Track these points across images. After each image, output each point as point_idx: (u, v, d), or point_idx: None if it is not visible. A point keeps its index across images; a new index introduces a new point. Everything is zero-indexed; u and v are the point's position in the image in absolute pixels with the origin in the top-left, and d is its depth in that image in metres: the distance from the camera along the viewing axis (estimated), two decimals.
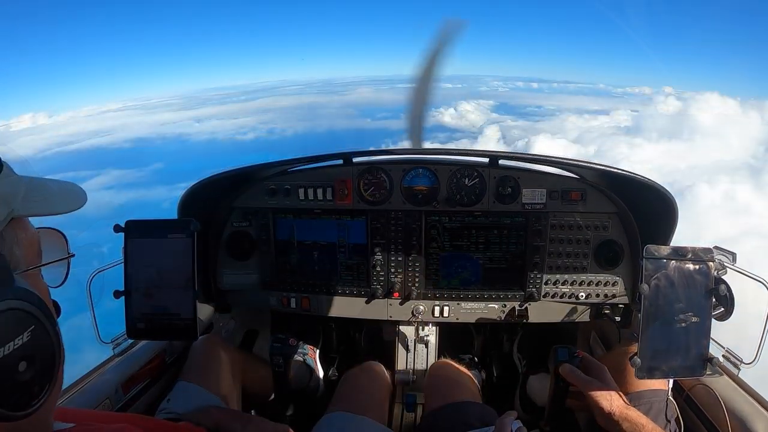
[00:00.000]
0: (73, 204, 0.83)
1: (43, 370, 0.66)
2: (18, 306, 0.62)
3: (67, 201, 0.83)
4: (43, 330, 0.66)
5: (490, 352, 2.69)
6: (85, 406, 1.49)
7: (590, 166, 1.87)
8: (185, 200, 1.94)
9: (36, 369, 0.64)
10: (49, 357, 0.67)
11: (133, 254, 1.57)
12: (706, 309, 1.32)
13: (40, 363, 0.65)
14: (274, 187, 2.09)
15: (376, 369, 1.99)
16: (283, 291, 2.23)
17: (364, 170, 2.05)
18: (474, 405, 1.66)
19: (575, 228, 2.03)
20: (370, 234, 2.11)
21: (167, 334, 1.63)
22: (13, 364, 0.61)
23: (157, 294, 1.56)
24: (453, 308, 2.16)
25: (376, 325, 2.52)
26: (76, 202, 0.84)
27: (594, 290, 2.07)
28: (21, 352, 0.62)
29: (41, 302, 0.66)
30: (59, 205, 0.80)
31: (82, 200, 0.85)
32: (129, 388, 1.69)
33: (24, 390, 0.63)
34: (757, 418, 1.42)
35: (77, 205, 0.84)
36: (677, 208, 1.79)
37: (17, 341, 0.61)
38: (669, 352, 1.31)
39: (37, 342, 0.64)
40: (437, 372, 1.99)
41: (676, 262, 1.31)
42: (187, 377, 1.68)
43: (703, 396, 1.60)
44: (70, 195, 0.84)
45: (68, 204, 0.82)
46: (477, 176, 2.02)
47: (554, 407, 1.62)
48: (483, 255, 2.10)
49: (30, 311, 0.64)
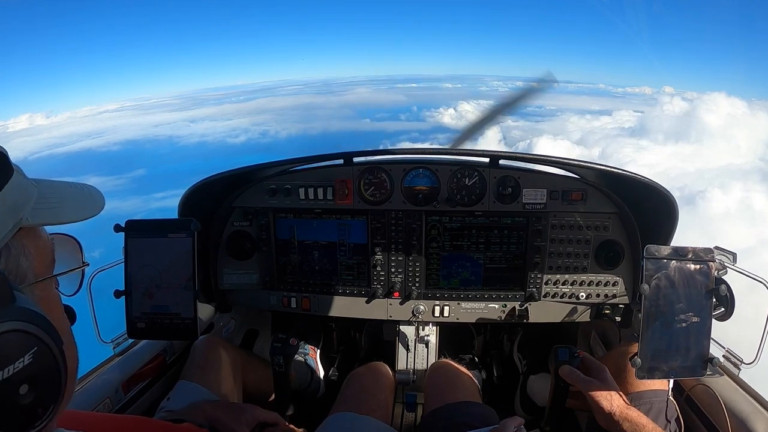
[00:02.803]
0: (89, 211, 0.79)
1: (46, 391, 0.63)
2: (18, 327, 0.59)
3: (82, 208, 0.78)
4: (47, 351, 0.62)
5: (490, 352, 2.69)
6: (85, 405, 1.49)
7: (591, 166, 1.87)
8: (186, 200, 1.94)
9: (39, 391, 0.61)
10: (53, 378, 0.64)
11: (134, 254, 1.57)
12: (706, 309, 1.32)
13: (43, 385, 0.62)
14: (274, 187, 2.09)
15: (381, 370, 1.99)
16: (284, 291, 2.23)
17: (365, 170, 2.06)
18: (474, 405, 1.66)
19: (576, 228, 2.03)
20: (370, 234, 2.11)
21: (168, 334, 1.62)
22: (13, 388, 0.58)
23: (158, 294, 1.56)
24: (453, 308, 2.16)
25: (376, 325, 2.52)
26: (93, 209, 0.80)
27: (594, 290, 2.07)
28: (22, 374, 0.59)
29: (46, 322, 0.63)
30: (73, 212, 0.76)
31: (99, 206, 0.81)
32: (129, 387, 1.69)
33: (26, 413, 0.60)
34: (758, 418, 1.42)
35: (93, 212, 0.79)
36: (678, 208, 1.79)
37: (17, 364, 0.58)
38: (669, 352, 1.31)
39: (39, 364, 0.61)
40: (437, 372, 1.99)
41: (677, 263, 1.30)
42: (187, 377, 1.68)
43: (704, 396, 1.60)
44: (86, 201, 0.80)
45: (83, 211, 0.78)
46: (477, 176, 2.02)
47: (555, 408, 1.62)
48: (483, 255, 2.10)
49: (32, 332, 0.61)
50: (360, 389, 1.82)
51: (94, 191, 0.83)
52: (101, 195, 0.83)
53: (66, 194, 0.77)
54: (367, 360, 2.22)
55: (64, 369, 0.66)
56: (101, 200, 0.82)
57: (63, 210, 0.74)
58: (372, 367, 1.99)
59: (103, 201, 0.82)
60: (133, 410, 1.69)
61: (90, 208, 0.79)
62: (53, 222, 0.73)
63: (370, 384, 1.86)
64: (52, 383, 0.64)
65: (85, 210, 0.78)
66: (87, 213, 0.78)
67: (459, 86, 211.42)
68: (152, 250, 1.56)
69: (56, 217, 0.73)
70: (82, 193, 0.80)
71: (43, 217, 0.70)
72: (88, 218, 0.78)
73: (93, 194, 0.82)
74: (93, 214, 0.79)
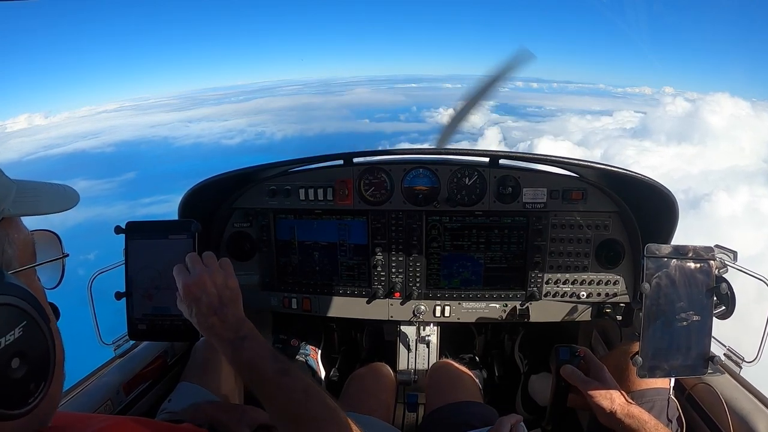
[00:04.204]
0: (65, 204, 0.84)
1: (37, 367, 0.65)
2: (8, 301, 0.62)
3: (58, 202, 0.83)
4: (36, 327, 0.65)
5: (491, 351, 2.69)
6: (86, 407, 1.49)
7: (591, 165, 1.88)
8: (186, 201, 1.95)
9: (30, 366, 0.64)
10: (43, 354, 0.67)
11: (134, 255, 1.57)
12: (707, 308, 1.31)
13: (33, 360, 0.65)
14: (274, 188, 2.09)
15: (382, 370, 1.99)
16: (284, 292, 2.23)
17: (365, 170, 2.06)
18: (475, 405, 1.66)
19: (576, 227, 2.03)
20: (370, 234, 2.11)
21: (169, 336, 1.62)
22: (5, 360, 0.60)
23: (159, 295, 1.55)
24: (454, 308, 2.16)
25: (377, 325, 2.52)
26: (68, 203, 0.84)
27: (595, 289, 2.07)
28: (13, 348, 0.61)
29: (33, 298, 0.66)
30: (50, 205, 0.80)
31: (73, 201, 0.86)
32: (130, 389, 1.69)
33: (18, 387, 0.62)
34: (759, 416, 1.41)
35: (68, 205, 0.84)
36: (678, 207, 1.79)
37: (8, 337, 0.61)
38: (670, 350, 1.31)
39: (29, 338, 0.64)
40: (438, 372, 1.99)
41: (678, 261, 1.30)
42: (188, 378, 1.68)
43: (705, 395, 1.60)
44: (61, 196, 0.85)
45: (59, 204, 0.82)
46: (477, 176, 2.02)
47: (556, 407, 1.62)
48: (484, 255, 2.10)
49: (21, 307, 0.64)
50: (361, 390, 1.82)
51: (69, 189, 0.88)
52: (75, 192, 0.88)
53: (42, 190, 0.81)
54: (368, 360, 2.23)
55: (52, 345, 0.69)
56: (76, 196, 0.87)
57: (40, 203, 0.78)
58: (373, 367, 1.99)
59: (77, 197, 0.87)
60: (135, 411, 1.69)
61: (65, 202, 0.84)
62: (32, 212, 0.77)
63: (371, 384, 1.86)
64: (42, 358, 0.67)
65: (60, 203, 0.83)
66: (62, 206, 0.83)
67: (459, 86, 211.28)
68: (153, 251, 1.56)
69: (34, 209, 0.77)
70: (57, 190, 0.85)
71: (22, 209, 0.74)
72: (63, 210, 0.83)
73: (67, 191, 0.87)
74: (67, 207, 0.84)
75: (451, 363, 2.02)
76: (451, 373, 1.93)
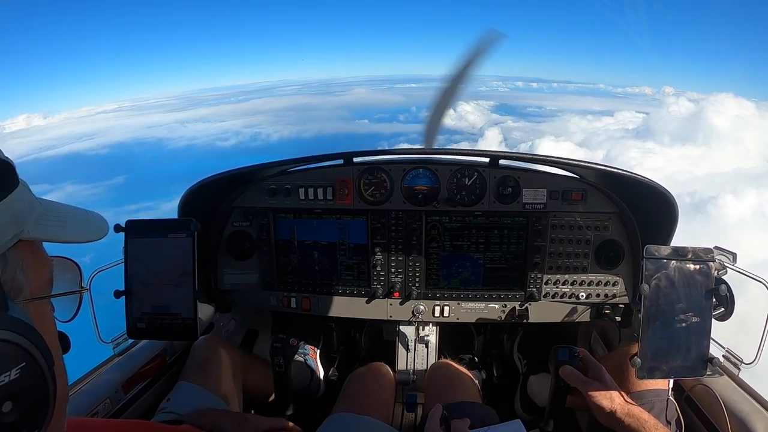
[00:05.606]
0: (92, 234, 0.75)
1: (31, 412, 0.58)
2: (8, 338, 0.55)
3: (86, 230, 0.75)
4: (36, 368, 0.58)
5: (490, 352, 2.69)
6: (85, 406, 1.49)
7: (590, 166, 1.87)
8: (186, 200, 1.94)
9: (23, 411, 0.57)
10: (40, 399, 0.59)
11: (134, 254, 1.57)
12: (706, 309, 1.32)
13: (28, 404, 0.57)
14: (274, 187, 2.09)
15: (382, 370, 1.99)
16: (284, 291, 2.23)
17: (365, 170, 2.06)
18: (474, 405, 1.66)
19: (576, 228, 2.03)
20: (370, 234, 2.11)
21: (168, 334, 1.62)
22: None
23: (158, 294, 1.56)
24: (453, 308, 2.16)
25: (376, 325, 2.52)
26: (96, 233, 0.76)
27: (594, 290, 2.07)
28: (6, 390, 0.55)
29: (38, 336, 0.59)
30: (76, 233, 0.73)
31: (102, 231, 0.78)
32: (129, 388, 1.69)
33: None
34: (758, 418, 1.42)
35: (97, 236, 0.76)
36: (677, 208, 1.79)
37: (2, 377, 0.54)
38: (669, 352, 1.31)
39: (27, 381, 0.57)
40: (437, 372, 1.98)
41: (677, 262, 1.30)
42: (187, 377, 1.68)
43: (704, 396, 1.60)
44: (89, 225, 0.77)
45: (87, 233, 0.74)
46: (477, 176, 2.02)
47: (555, 408, 1.62)
48: (483, 255, 2.10)
49: (22, 345, 0.57)
50: (360, 389, 1.82)
51: (99, 217, 0.81)
52: (105, 222, 0.81)
53: (70, 215, 0.74)
54: (367, 360, 2.22)
55: (53, 391, 0.61)
56: (105, 227, 0.80)
57: (66, 229, 0.71)
58: (372, 367, 1.99)
59: (106, 228, 0.80)
60: (133, 410, 1.69)
61: (93, 232, 0.76)
62: (54, 239, 0.70)
63: (370, 384, 1.86)
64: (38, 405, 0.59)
65: (88, 233, 0.75)
66: (90, 236, 0.75)
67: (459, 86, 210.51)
68: (152, 250, 1.56)
69: (58, 235, 0.70)
70: (86, 218, 0.78)
71: (44, 233, 0.68)
72: (90, 241, 0.75)
73: (96, 220, 0.80)
74: (96, 238, 0.76)
75: (450, 363, 2.02)
76: (450, 373, 1.93)
